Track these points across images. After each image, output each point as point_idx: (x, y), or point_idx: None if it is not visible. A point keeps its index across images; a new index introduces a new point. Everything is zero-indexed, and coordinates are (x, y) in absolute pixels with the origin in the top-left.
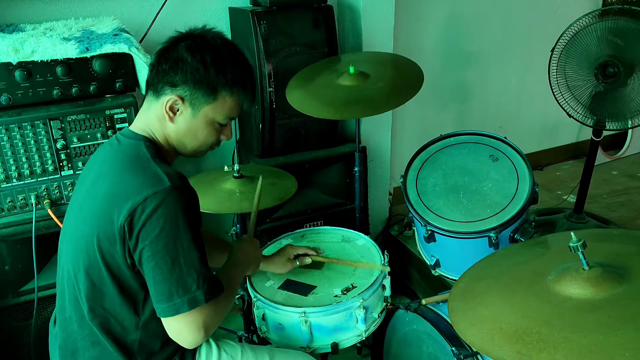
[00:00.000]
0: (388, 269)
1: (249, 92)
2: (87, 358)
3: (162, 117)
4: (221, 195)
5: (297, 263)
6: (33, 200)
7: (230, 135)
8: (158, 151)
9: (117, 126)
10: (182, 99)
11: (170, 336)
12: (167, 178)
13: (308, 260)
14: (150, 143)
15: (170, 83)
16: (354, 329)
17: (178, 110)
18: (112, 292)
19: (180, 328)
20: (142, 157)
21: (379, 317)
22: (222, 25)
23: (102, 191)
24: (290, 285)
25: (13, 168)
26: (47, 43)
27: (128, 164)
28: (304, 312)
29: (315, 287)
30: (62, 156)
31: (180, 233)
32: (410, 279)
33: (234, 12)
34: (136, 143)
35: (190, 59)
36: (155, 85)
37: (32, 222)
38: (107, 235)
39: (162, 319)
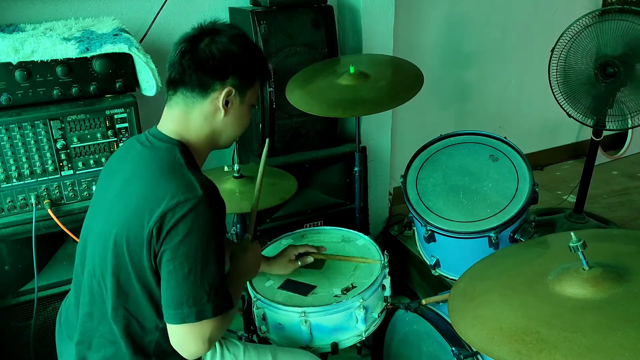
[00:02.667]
0: (386, 266)
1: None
2: (102, 355)
3: (210, 113)
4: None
5: (299, 263)
6: (33, 200)
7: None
8: (191, 157)
9: (117, 126)
10: (234, 89)
11: (172, 344)
12: (200, 187)
13: (310, 259)
14: (185, 148)
15: (219, 77)
16: (354, 329)
17: (228, 102)
18: (137, 293)
19: (184, 337)
20: (177, 163)
21: (378, 317)
22: None
23: (136, 194)
24: (290, 285)
25: (13, 168)
26: (47, 43)
27: (163, 169)
28: (304, 312)
29: (315, 287)
30: (62, 156)
31: (203, 243)
32: (410, 279)
33: (234, 12)
34: (171, 147)
35: (237, 49)
36: (201, 83)
37: (32, 222)
38: (137, 238)
39: (168, 325)
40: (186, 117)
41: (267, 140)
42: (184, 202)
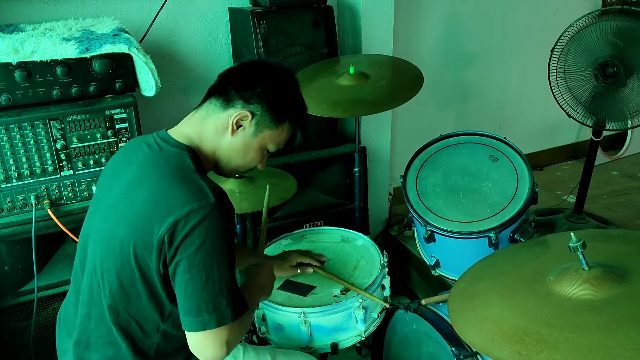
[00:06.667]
0: (388, 305)
1: (305, 132)
2: (101, 356)
3: (222, 128)
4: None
5: (299, 271)
6: (33, 201)
7: (264, 165)
8: (200, 163)
9: (117, 126)
10: (252, 116)
11: (192, 350)
12: (211, 193)
13: (310, 271)
14: (194, 154)
15: (245, 98)
16: (353, 329)
17: (241, 126)
18: (141, 295)
19: (204, 343)
20: (186, 169)
21: (378, 317)
22: (222, 25)
23: (143, 197)
24: (289, 286)
25: (13, 168)
26: (47, 43)
27: (172, 174)
28: (304, 313)
29: (315, 287)
30: (62, 156)
31: (218, 249)
32: (410, 279)
33: (234, 12)
34: (180, 152)
35: (276, 83)
36: (227, 95)
37: (31, 223)
38: (145, 243)
39: (187, 333)
40: (202, 123)
41: (267, 187)
42: (197, 209)
